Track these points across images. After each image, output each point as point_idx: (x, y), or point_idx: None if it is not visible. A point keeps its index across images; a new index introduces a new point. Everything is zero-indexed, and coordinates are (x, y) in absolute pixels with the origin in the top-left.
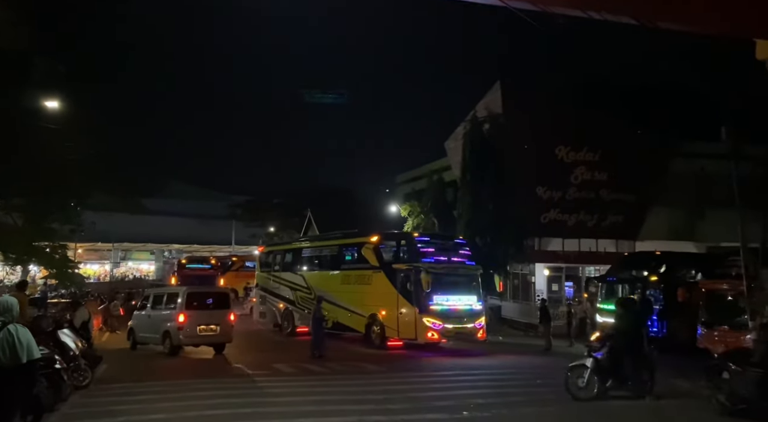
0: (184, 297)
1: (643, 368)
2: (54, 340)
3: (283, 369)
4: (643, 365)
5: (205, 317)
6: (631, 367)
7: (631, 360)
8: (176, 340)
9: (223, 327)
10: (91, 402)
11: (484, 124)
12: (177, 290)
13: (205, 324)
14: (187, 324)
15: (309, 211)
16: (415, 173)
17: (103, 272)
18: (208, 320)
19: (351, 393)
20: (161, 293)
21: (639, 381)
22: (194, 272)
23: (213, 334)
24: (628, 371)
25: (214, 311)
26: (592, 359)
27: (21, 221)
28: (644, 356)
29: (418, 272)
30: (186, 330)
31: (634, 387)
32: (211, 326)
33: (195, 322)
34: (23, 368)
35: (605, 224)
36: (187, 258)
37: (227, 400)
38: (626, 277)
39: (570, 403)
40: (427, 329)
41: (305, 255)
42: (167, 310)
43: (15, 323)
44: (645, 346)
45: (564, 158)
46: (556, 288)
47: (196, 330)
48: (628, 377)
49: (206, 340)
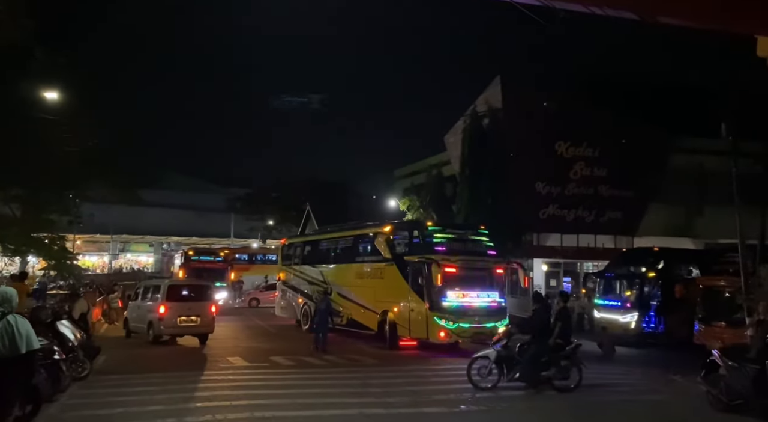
0: (165, 289)
1: (552, 361)
2: (53, 331)
3: (281, 362)
4: (553, 358)
5: (185, 308)
6: (529, 359)
7: (533, 353)
8: (157, 330)
9: (203, 319)
10: (89, 393)
11: (484, 118)
12: (160, 282)
13: (185, 316)
14: (168, 315)
15: (308, 205)
16: (414, 167)
17: (101, 264)
18: (188, 311)
19: (351, 386)
20: (149, 285)
21: (531, 373)
22: (203, 265)
23: (193, 325)
24: (525, 363)
25: (194, 303)
26: (492, 350)
27: (19, 212)
28: (553, 348)
29: (429, 265)
30: (166, 321)
31: (526, 378)
32: (192, 317)
33: (175, 313)
34: (22, 358)
35: (604, 220)
36: (193, 250)
37: (225, 392)
38: (624, 273)
39: (568, 398)
40: (438, 328)
41: (321, 247)
42: (152, 301)
43: (14, 313)
44: (552, 340)
45: (563, 153)
46: (555, 284)
47: (176, 321)
48: (523, 368)
49: (186, 331)
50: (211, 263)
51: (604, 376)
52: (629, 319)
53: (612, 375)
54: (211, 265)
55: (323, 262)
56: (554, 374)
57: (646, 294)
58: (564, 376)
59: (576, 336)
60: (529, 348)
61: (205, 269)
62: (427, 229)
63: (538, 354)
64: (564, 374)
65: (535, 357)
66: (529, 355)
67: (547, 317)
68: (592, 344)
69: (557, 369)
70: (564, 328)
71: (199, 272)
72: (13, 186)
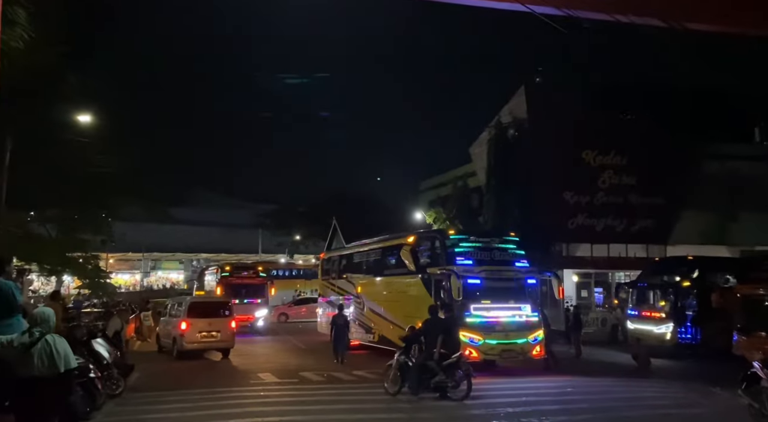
0: (186, 306)
1: (437, 371)
2: (88, 349)
3: (311, 378)
4: (438, 368)
5: (206, 324)
6: (414, 368)
7: (418, 362)
8: (180, 345)
9: (223, 334)
10: (124, 410)
11: (509, 129)
12: (182, 299)
13: (206, 331)
14: (189, 331)
15: (334, 219)
16: (439, 179)
17: (133, 282)
18: (209, 327)
19: (381, 401)
20: (175, 302)
21: (416, 380)
22: (242, 281)
23: (214, 340)
24: (411, 371)
25: (214, 319)
26: (395, 359)
27: (55, 232)
28: (438, 359)
29: (450, 277)
30: (188, 336)
31: (411, 385)
32: (212, 332)
33: (196, 329)
34: (60, 377)
35: (635, 229)
36: (231, 266)
37: (256, 408)
38: (657, 282)
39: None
40: (463, 346)
41: (355, 261)
42: (176, 318)
43: (52, 333)
44: (436, 350)
45: (591, 162)
46: (586, 294)
47: (197, 336)
48: (410, 376)
49: (207, 345)
50: (249, 278)
51: (641, 389)
52: (664, 330)
53: (648, 387)
54: (249, 281)
55: (355, 276)
56: (441, 382)
57: (681, 304)
58: (453, 385)
59: (610, 348)
60: (417, 357)
61: (243, 286)
62: (450, 238)
63: (422, 363)
64: (452, 383)
65: (419, 366)
66: (415, 364)
67: (432, 328)
68: (627, 356)
69: (443, 377)
70: (446, 339)
71: (238, 289)
72: (49, 207)
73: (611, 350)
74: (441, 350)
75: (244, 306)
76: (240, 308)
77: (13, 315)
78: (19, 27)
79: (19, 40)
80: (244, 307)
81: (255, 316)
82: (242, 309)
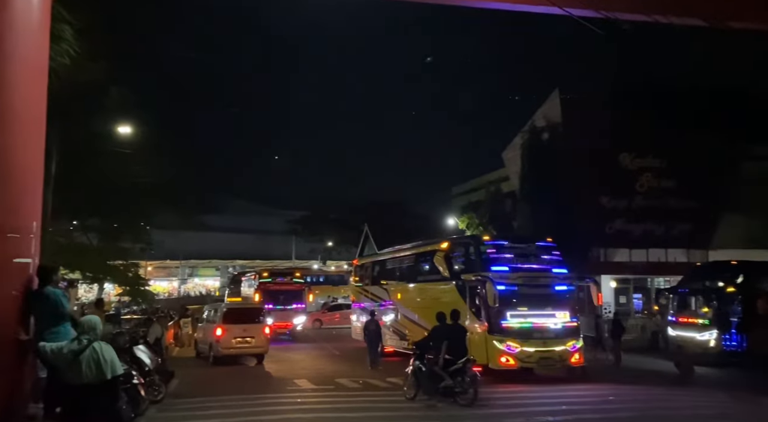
0: (221, 313)
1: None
2: (131, 356)
3: (347, 384)
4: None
5: (240, 330)
6: (425, 373)
7: (427, 368)
8: (216, 351)
9: (257, 339)
10: (166, 416)
11: (543, 133)
12: (218, 306)
13: (241, 337)
14: (225, 337)
15: (366, 225)
16: (471, 184)
17: (171, 289)
18: (243, 333)
19: (416, 409)
20: (211, 309)
21: (428, 385)
22: (279, 287)
23: (248, 346)
24: (423, 376)
25: (249, 325)
26: (411, 365)
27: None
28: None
29: (484, 283)
30: (223, 342)
31: (425, 389)
32: (247, 338)
33: (231, 335)
34: (107, 383)
35: (674, 233)
36: (268, 272)
37: (294, 415)
38: (699, 288)
39: None
40: (500, 353)
41: (388, 267)
42: (212, 324)
43: (99, 340)
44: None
45: (628, 165)
46: (624, 300)
47: (232, 342)
48: (423, 381)
49: (242, 351)
50: (287, 284)
51: (685, 398)
52: (708, 337)
53: (693, 396)
54: (287, 286)
55: (389, 282)
56: (449, 387)
57: (725, 310)
58: (460, 390)
59: (651, 355)
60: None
61: (281, 292)
62: (484, 244)
63: (429, 368)
64: (459, 388)
65: (428, 371)
66: (425, 370)
67: (437, 334)
68: (668, 363)
69: (450, 383)
70: (451, 345)
71: (276, 295)
72: (91, 217)
73: (651, 357)
74: (446, 356)
75: (282, 312)
76: (278, 315)
77: (60, 323)
78: (65, 43)
79: (65, 56)
80: (282, 313)
81: (293, 323)
82: (280, 315)
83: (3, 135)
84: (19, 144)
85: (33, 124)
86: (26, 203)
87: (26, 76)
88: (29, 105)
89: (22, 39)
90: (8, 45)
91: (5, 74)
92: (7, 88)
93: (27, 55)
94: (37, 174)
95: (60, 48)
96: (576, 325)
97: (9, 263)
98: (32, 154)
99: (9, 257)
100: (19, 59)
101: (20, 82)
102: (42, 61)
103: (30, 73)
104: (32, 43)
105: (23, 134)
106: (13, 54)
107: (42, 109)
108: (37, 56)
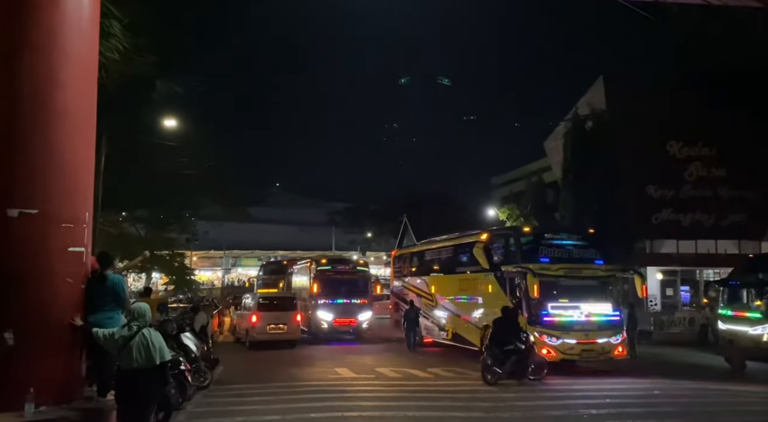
0: (256, 301)
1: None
2: (178, 343)
3: (387, 374)
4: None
5: (273, 318)
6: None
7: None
8: (251, 337)
9: (289, 326)
10: (212, 401)
11: (587, 121)
12: (253, 295)
13: (274, 324)
14: (259, 324)
15: (405, 216)
16: (512, 175)
17: (215, 278)
18: (276, 320)
19: (459, 400)
20: (248, 297)
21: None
22: (342, 277)
23: (281, 332)
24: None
25: (281, 313)
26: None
27: (144, 231)
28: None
29: (525, 275)
30: (257, 329)
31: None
32: (279, 325)
33: (266, 322)
34: (157, 369)
35: (725, 224)
36: (327, 259)
37: (336, 403)
38: (752, 281)
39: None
40: (541, 345)
41: (427, 258)
42: (248, 311)
43: (148, 327)
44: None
45: (676, 154)
46: (671, 293)
47: (266, 329)
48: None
49: (275, 337)
50: (350, 273)
51: (736, 394)
52: (761, 331)
53: (744, 392)
54: (351, 276)
55: (428, 274)
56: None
57: None
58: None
59: (700, 349)
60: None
61: (344, 282)
62: (525, 235)
63: (491, 353)
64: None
65: (492, 356)
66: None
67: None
68: (717, 358)
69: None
70: (494, 333)
71: (337, 286)
72: (139, 208)
73: (700, 351)
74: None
75: (343, 306)
76: (338, 309)
77: (117, 309)
78: (114, 39)
79: (114, 52)
80: (345, 307)
81: (357, 319)
82: (342, 310)
83: (57, 133)
84: (72, 140)
85: (85, 120)
86: (79, 195)
87: (78, 73)
88: (82, 101)
89: (74, 36)
90: (61, 42)
91: (59, 72)
92: (61, 86)
93: (79, 52)
94: (89, 168)
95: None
96: (618, 317)
97: (64, 251)
98: (84, 149)
99: (64, 246)
100: (71, 56)
101: (73, 79)
102: (93, 58)
103: (82, 69)
104: (84, 39)
105: (76, 130)
106: (66, 51)
107: (93, 105)
108: (88, 53)
